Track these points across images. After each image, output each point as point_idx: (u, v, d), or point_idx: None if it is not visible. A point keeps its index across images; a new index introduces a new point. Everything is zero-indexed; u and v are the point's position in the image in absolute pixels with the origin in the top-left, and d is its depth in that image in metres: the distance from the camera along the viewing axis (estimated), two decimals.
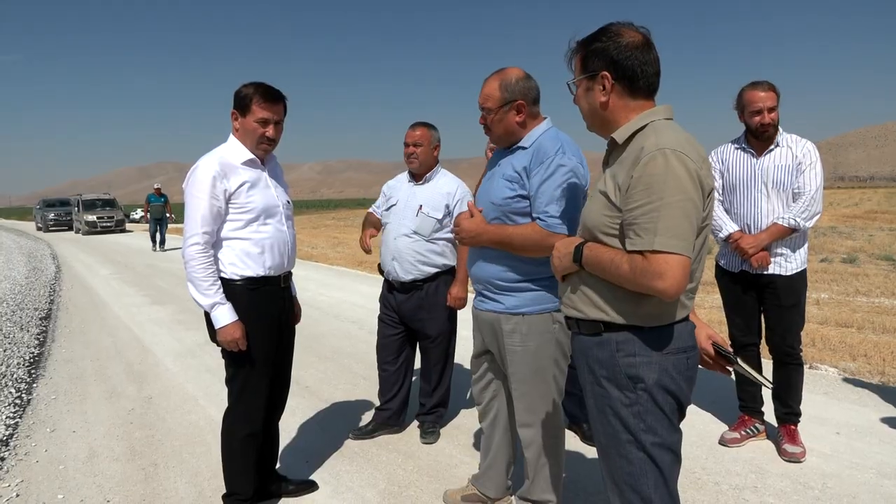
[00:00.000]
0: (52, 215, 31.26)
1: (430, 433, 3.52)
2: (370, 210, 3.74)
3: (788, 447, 3.15)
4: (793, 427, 3.23)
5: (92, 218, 26.94)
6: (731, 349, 1.70)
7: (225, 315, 2.43)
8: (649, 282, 1.46)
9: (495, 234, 2.27)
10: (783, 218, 3.11)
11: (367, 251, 3.68)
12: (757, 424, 3.37)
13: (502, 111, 2.27)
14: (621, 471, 1.62)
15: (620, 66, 1.61)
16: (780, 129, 3.19)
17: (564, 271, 1.73)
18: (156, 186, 17.68)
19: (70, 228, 30.28)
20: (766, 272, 3.19)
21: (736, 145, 3.30)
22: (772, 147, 3.17)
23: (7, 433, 3.72)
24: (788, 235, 3.13)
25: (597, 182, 1.72)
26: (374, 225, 3.68)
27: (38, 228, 32.30)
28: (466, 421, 3.80)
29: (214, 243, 2.49)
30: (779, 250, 3.18)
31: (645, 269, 1.46)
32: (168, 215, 17.30)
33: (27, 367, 5.23)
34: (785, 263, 3.18)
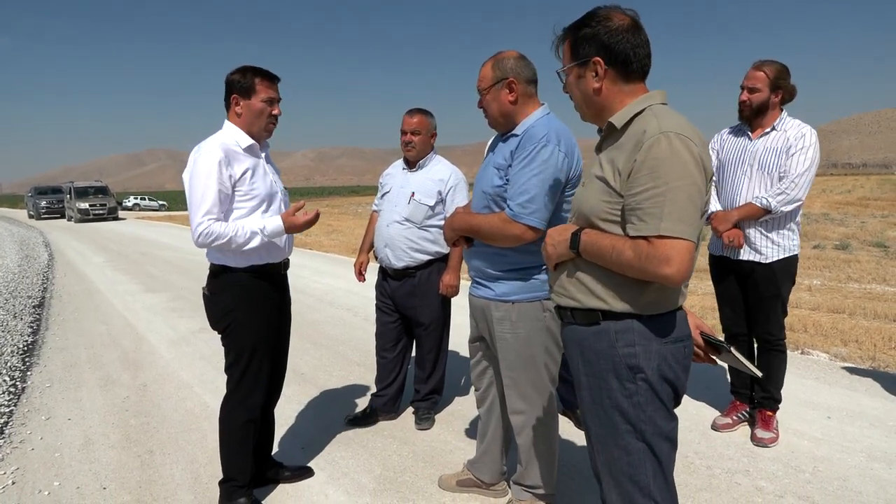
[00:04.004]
0: (43, 203, 31.06)
1: (424, 419, 3.53)
2: (373, 209, 3.68)
3: (759, 432, 3.18)
4: (769, 413, 3.24)
5: (84, 205, 26.79)
6: (719, 337, 1.67)
7: (275, 225, 2.46)
8: (655, 268, 1.42)
9: (464, 222, 2.28)
10: (757, 197, 3.06)
11: (362, 280, 3.70)
12: (749, 408, 3.40)
13: (494, 89, 2.25)
14: (619, 462, 1.59)
15: (612, 50, 1.58)
16: (783, 115, 3.13)
17: (559, 259, 1.68)
18: None
19: (62, 216, 30.10)
20: (744, 258, 3.14)
21: (737, 126, 3.26)
22: (768, 130, 3.12)
23: (2, 421, 3.71)
24: (761, 216, 3.05)
25: (590, 168, 1.68)
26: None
27: (30, 216, 32.10)
28: (461, 407, 3.82)
29: None
30: (753, 236, 3.11)
31: (650, 254, 1.42)
32: None
33: (21, 355, 5.21)
34: (765, 251, 3.10)
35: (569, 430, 3.37)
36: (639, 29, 1.60)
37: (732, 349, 1.62)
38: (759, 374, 1.68)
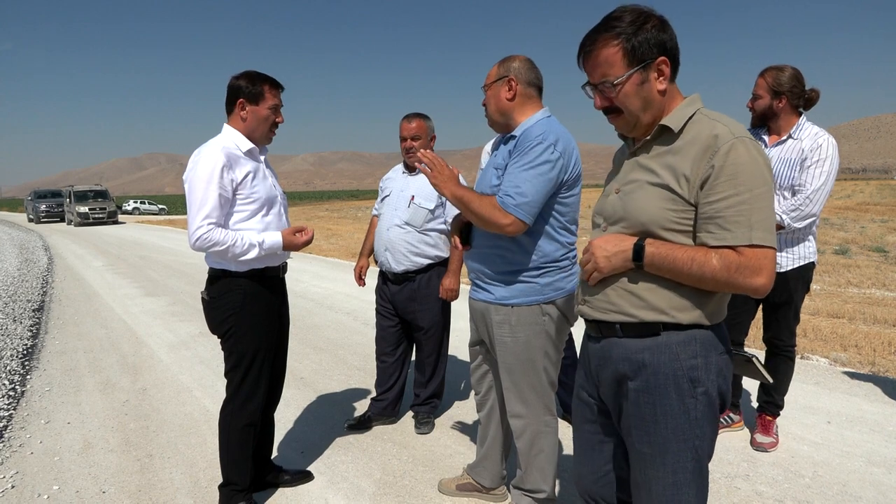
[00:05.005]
0: (43, 207, 31.09)
1: (424, 423, 3.53)
2: (373, 213, 3.67)
3: (759, 436, 3.19)
4: (769, 418, 3.23)
5: (84, 209, 26.82)
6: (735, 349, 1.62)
7: (273, 241, 2.52)
8: (746, 279, 1.36)
9: (458, 189, 2.23)
10: None
11: (361, 284, 3.70)
12: (731, 415, 3.39)
13: (495, 85, 2.30)
14: (661, 482, 1.50)
15: (668, 48, 1.49)
16: (801, 121, 3.02)
17: (612, 272, 1.54)
18: None
19: (62, 220, 30.15)
20: None
21: (751, 131, 3.19)
22: (784, 138, 3.02)
23: (1, 425, 3.71)
24: None
25: (628, 173, 1.57)
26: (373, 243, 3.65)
27: (30, 220, 32.13)
28: (461, 411, 3.82)
29: None
30: None
31: (742, 265, 1.36)
32: None
33: (20, 358, 5.21)
34: (780, 259, 3.05)
35: (569, 435, 3.37)
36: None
37: (754, 359, 1.57)
38: (771, 379, 1.63)
